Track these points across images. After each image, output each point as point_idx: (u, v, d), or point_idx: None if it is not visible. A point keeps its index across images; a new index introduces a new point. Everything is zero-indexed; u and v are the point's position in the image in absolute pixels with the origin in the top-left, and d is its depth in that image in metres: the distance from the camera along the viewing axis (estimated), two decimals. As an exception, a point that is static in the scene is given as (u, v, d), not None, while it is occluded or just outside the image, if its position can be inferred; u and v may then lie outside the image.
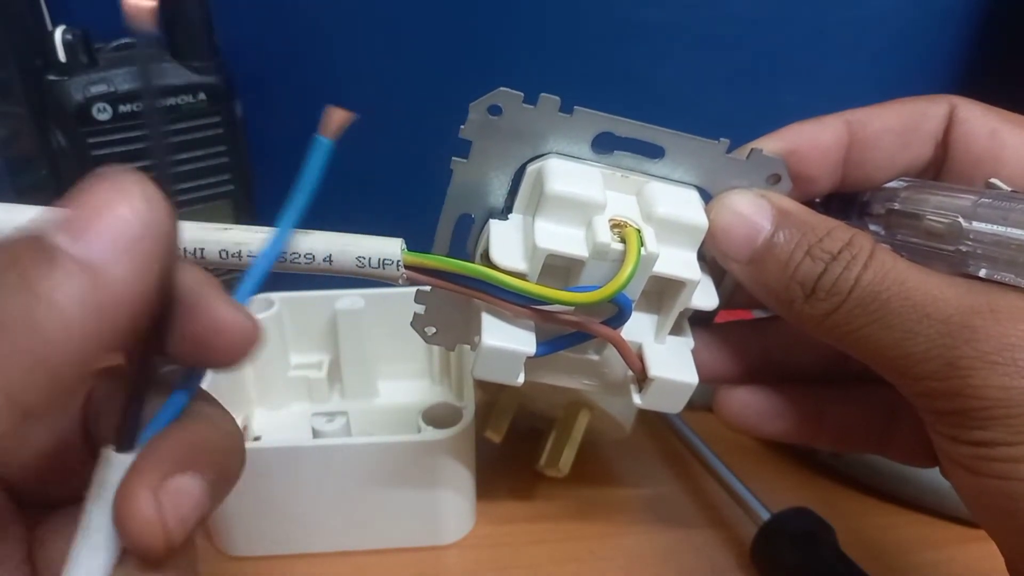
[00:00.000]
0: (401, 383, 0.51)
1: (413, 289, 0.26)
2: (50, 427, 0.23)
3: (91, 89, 0.44)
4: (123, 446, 0.20)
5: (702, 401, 0.28)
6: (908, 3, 0.56)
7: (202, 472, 0.20)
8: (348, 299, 0.48)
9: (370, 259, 0.24)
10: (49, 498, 0.23)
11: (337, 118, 0.21)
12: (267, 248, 0.22)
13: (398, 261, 0.24)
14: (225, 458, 0.21)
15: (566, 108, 0.26)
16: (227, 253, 0.23)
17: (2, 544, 0.22)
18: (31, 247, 0.16)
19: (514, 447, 0.46)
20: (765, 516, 0.41)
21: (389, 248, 0.24)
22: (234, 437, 0.22)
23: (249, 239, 0.23)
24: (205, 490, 0.20)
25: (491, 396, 0.45)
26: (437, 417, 0.43)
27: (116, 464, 0.20)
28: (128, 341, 0.17)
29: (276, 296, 0.48)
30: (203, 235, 0.22)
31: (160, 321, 0.19)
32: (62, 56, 0.44)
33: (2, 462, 0.23)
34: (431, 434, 0.40)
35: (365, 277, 0.24)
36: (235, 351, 0.20)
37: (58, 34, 0.44)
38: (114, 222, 0.16)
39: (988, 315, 0.23)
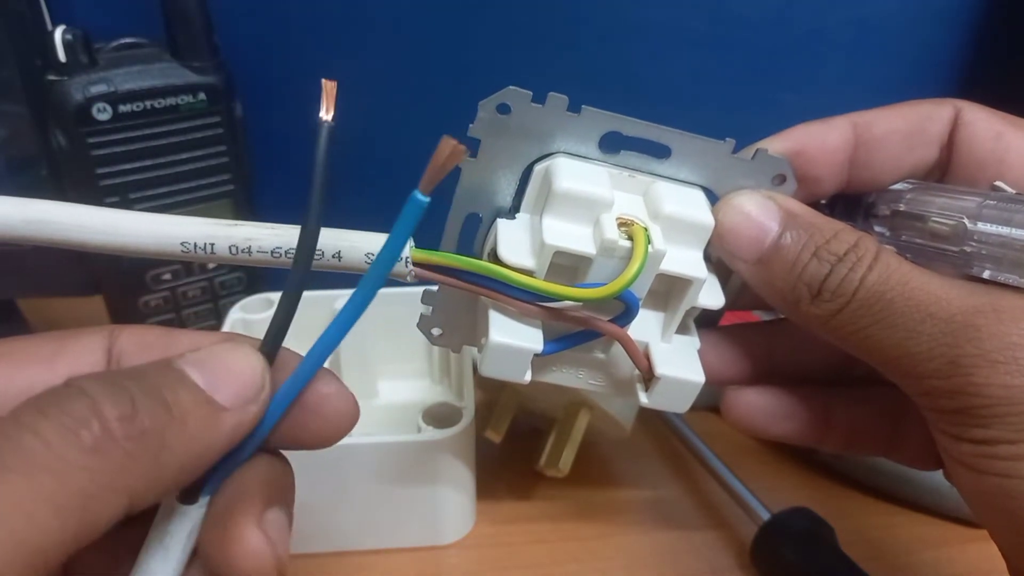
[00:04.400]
0: (401, 383, 0.51)
1: (413, 288, 0.26)
2: None
3: (91, 89, 0.44)
4: (188, 499, 0.21)
5: (702, 401, 0.28)
6: (908, 3, 0.56)
7: (285, 505, 0.22)
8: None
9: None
10: None
11: (330, 90, 0.22)
12: (345, 314, 0.22)
13: (407, 258, 0.24)
14: (292, 491, 0.23)
15: (573, 107, 0.26)
16: (237, 248, 0.23)
17: None
18: (164, 367, 0.19)
19: (514, 447, 0.46)
20: (765, 516, 0.41)
21: (398, 245, 0.24)
22: (291, 471, 0.23)
23: (259, 235, 0.23)
24: (288, 522, 0.22)
25: (491, 396, 0.45)
26: (437, 417, 0.43)
27: (181, 515, 0.21)
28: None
29: (276, 296, 0.48)
30: (213, 231, 0.22)
31: None
32: (62, 56, 0.44)
33: None
34: (431, 434, 0.40)
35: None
36: (333, 434, 0.23)
37: (58, 34, 0.44)
38: (237, 376, 0.20)
39: (991, 315, 0.23)
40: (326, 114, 0.21)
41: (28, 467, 0.16)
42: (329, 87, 0.21)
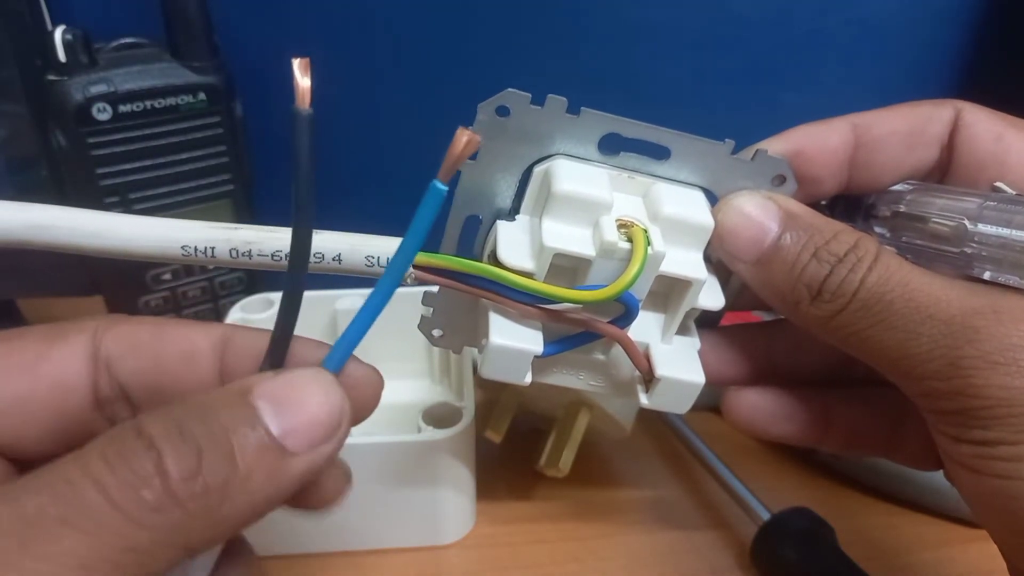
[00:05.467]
0: (401, 383, 0.51)
1: (413, 289, 0.26)
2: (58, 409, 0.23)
3: (91, 89, 0.44)
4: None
5: (703, 402, 0.28)
6: (908, 3, 0.56)
7: None
8: (348, 299, 0.48)
9: (379, 258, 0.24)
10: None
11: (458, 149, 0.20)
12: (365, 313, 0.22)
13: (407, 261, 0.24)
14: None
15: (572, 109, 0.26)
16: (237, 252, 0.23)
17: None
18: (236, 403, 0.19)
19: (514, 447, 0.46)
20: (765, 516, 0.41)
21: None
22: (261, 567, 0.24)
23: (259, 238, 0.23)
24: None
25: (491, 396, 0.45)
26: (437, 417, 0.43)
27: None
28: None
29: (276, 296, 0.48)
30: (213, 234, 0.23)
31: None
32: (62, 56, 0.44)
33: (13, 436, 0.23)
34: (431, 434, 0.40)
35: (374, 276, 0.24)
36: (368, 406, 0.23)
37: (58, 34, 0.44)
38: (314, 418, 0.19)
39: (991, 316, 0.23)
40: (302, 103, 0.20)
41: (90, 524, 0.16)
42: (302, 66, 0.20)
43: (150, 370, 0.22)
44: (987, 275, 0.25)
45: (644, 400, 0.27)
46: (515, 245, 0.26)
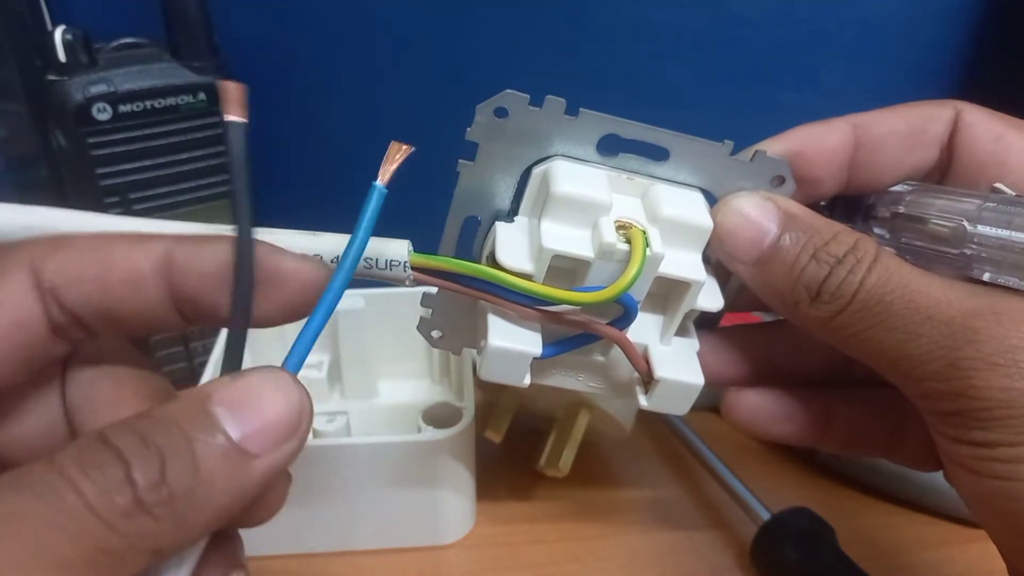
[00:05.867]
0: (401, 383, 0.51)
1: (413, 289, 0.26)
2: (36, 415, 0.24)
3: (91, 89, 0.44)
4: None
5: (702, 402, 0.28)
6: (908, 3, 0.56)
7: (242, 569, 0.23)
8: (348, 299, 0.48)
9: (377, 260, 0.24)
10: None
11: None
12: (323, 306, 0.22)
13: (405, 262, 0.24)
14: (243, 552, 0.24)
15: (571, 110, 0.26)
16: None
17: None
18: (195, 412, 0.19)
19: (514, 447, 0.46)
20: (765, 516, 0.41)
21: (396, 249, 0.24)
22: (241, 542, 0.24)
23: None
24: None
25: (491, 396, 0.45)
26: (437, 417, 0.43)
27: None
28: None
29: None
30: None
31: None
32: (62, 56, 0.44)
33: None
34: (431, 434, 0.40)
35: (373, 278, 0.24)
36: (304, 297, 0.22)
37: (58, 34, 0.43)
38: (272, 419, 0.20)
39: (990, 317, 0.23)
40: (231, 114, 0.21)
41: (72, 525, 0.17)
42: (231, 90, 0.21)
43: (98, 298, 0.22)
44: (987, 276, 0.24)
45: (643, 401, 0.27)
46: (514, 247, 0.26)
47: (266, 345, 0.47)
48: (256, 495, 0.20)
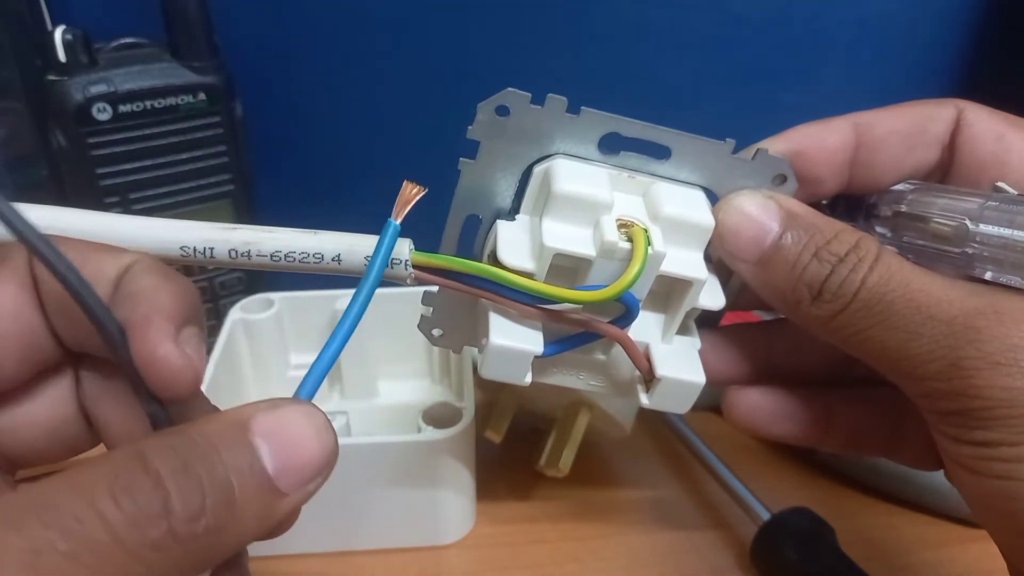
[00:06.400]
0: (401, 383, 0.51)
1: (413, 289, 0.26)
2: (48, 408, 0.24)
3: (91, 89, 0.44)
4: None
5: (703, 402, 0.28)
6: (908, 3, 0.56)
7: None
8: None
9: (379, 259, 0.24)
10: None
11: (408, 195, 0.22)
12: (332, 347, 0.22)
13: (406, 260, 0.24)
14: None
15: (573, 108, 0.26)
16: (236, 252, 0.23)
17: None
18: (235, 440, 0.19)
19: (514, 447, 0.46)
20: (765, 516, 0.41)
21: (398, 248, 0.24)
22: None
23: (257, 239, 0.23)
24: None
25: (491, 396, 0.45)
26: (437, 417, 0.43)
27: None
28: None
29: (276, 296, 0.48)
30: (212, 235, 0.22)
31: None
32: (62, 56, 0.44)
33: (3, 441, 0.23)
34: (431, 434, 0.40)
35: (373, 277, 0.24)
36: (172, 389, 0.21)
37: (58, 34, 0.44)
38: (308, 459, 0.20)
39: (992, 317, 0.23)
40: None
41: (94, 560, 0.16)
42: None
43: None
44: (988, 275, 0.24)
45: (644, 400, 0.27)
46: (515, 245, 0.26)
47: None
48: (273, 531, 0.20)
